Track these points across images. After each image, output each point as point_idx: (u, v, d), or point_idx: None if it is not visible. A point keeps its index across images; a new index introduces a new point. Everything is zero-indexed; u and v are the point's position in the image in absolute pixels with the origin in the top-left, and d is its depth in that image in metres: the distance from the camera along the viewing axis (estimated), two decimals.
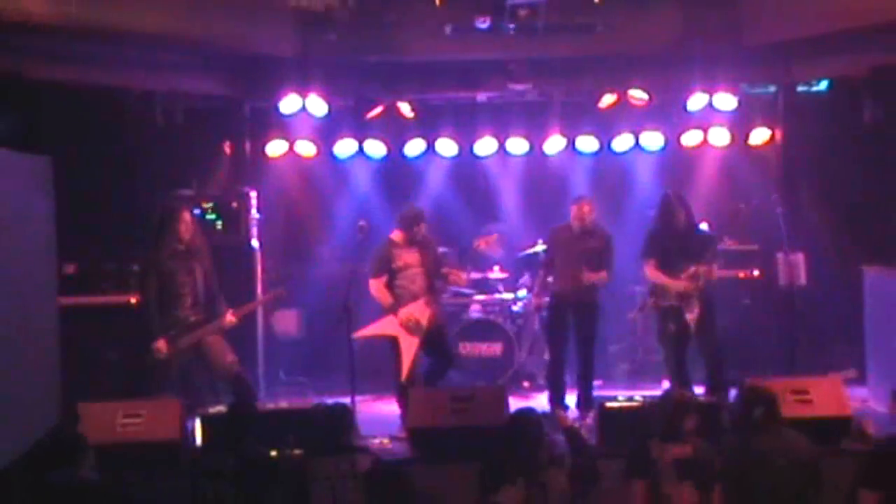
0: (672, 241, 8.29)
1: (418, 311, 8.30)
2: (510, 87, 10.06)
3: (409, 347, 8.22)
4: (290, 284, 9.45)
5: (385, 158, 10.40)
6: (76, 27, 8.29)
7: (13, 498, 5.49)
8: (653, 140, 10.20)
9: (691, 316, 8.15)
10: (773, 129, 10.17)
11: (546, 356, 10.06)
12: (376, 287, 8.37)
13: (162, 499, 5.99)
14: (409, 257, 8.44)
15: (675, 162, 10.46)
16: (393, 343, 8.30)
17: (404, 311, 8.28)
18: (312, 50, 9.55)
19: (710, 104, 9.80)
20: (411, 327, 8.26)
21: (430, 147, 10.35)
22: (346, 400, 7.79)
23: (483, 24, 9.25)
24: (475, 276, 10.35)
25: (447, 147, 10.37)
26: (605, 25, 9.38)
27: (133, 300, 8.78)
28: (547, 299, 8.99)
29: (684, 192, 8.75)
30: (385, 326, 8.33)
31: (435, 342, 8.41)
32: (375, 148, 10.27)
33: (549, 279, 8.88)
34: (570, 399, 8.85)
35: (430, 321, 8.32)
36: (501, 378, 9.60)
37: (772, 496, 5.62)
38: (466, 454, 6.93)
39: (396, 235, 8.50)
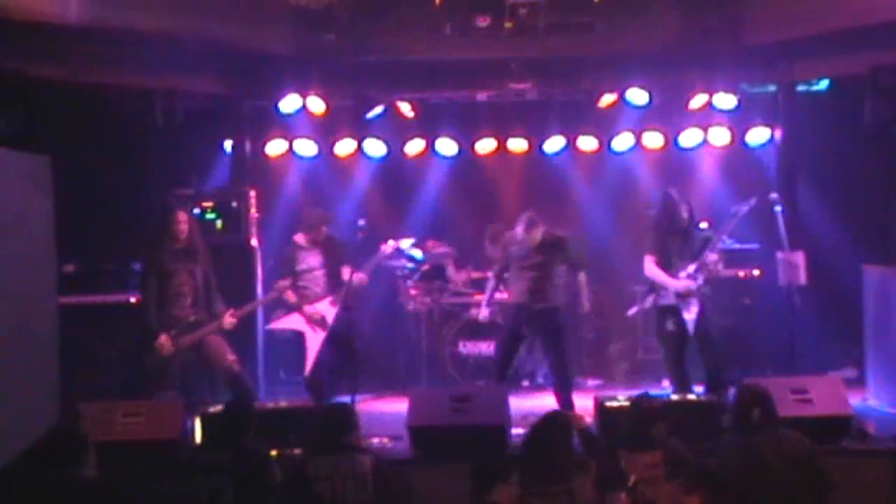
0: (673, 239, 8.28)
1: (324, 308, 8.49)
2: (510, 87, 10.06)
3: (314, 342, 8.43)
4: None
5: (385, 158, 10.41)
6: (76, 27, 8.29)
7: (13, 497, 5.47)
8: (653, 139, 10.21)
9: (689, 316, 8.14)
10: (772, 129, 10.17)
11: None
12: (280, 288, 8.52)
13: (162, 498, 5.97)
14: (311, 260, 8.59)
15: (675, 161, 10.47)
16: (300, 338, 8.53)
17: (310, 308, 8.49)
18: (312, 49, 9.56)
19: (709, 103, 9.82)
20: (316, 322, 8.46)
21: (430, 147, 10.36)
22: (346, 400, 7.78)
23: (483, 23, 9.25)
24: (475, 275, 10.36)
25: (447, 146, 10.37)
26: (605, 25, 9.39)
27: (133, 300, 8.78)
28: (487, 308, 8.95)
29: (685, 192, 8.74)
30: (292, 322, 8.60)
31: (341, 339, 8.51)
32: (375, 147, 10.28)
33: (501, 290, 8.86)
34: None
35: (335, 318, 8.47)
36: None
37: (770, 496, 5.61)
38: (466, 453, 6.95)
39: (299, 238, 8.66)
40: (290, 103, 9.72)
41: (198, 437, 7.20)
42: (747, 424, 5.84)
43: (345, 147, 10.22)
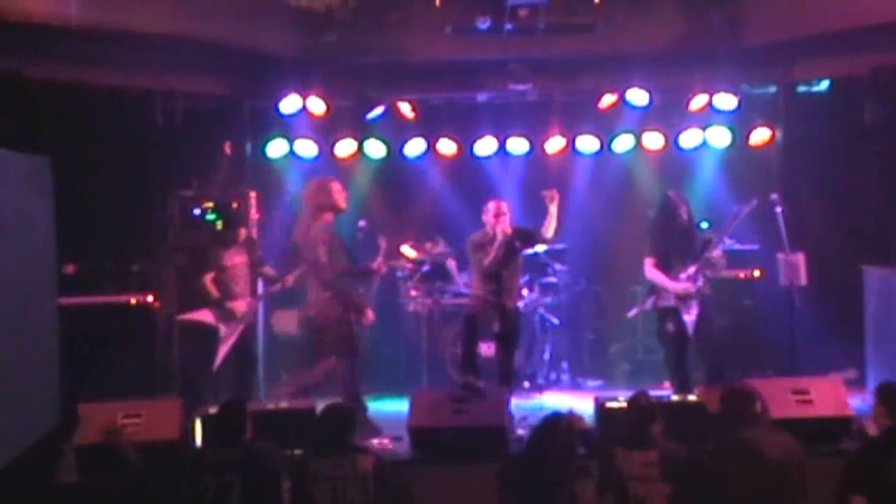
0: (673, 241, 8.28)
1: (240, 308, 8.55)
2: (510, 87, 10.05)
3: (225, 338, 8.48)
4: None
5: (385, 158, 10.41)
6: (76, 27, 8.29)
7: (11, 499, 5.47)
8: (653, 140, 10.21)
9: (689, 317, 8.14)
10: (773, 130, 10.17)
11: (546, 356, 10.09)
12: (206, 281, 8.59)
13: (162, 498, 5.97)
14: (236, 258, 8.65)
15: (676, 162, 10.47)
16: (208, 332, 8.52)
17: (229, 305, 8.51)
18: (313, 50, 9.57)
19: (710, 104, 9.82)
20: (230, 319, 8.51)
21: (431, 147, 10.35)
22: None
23: (483, 24, 9.25)
24: None
25: (447, 147, 10.37)
26: (606, 25, 9.39)
27: (133, 300, 8.82)
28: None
29: (683, 193, 8.73)
30: (206, 315, 8.58)
31: (241, 343, 8.58)
32: (376, 148, 10.28)
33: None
34: (573, 402, 8.84)
35: (248, 320, 8.62)
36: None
37: (762, 489, 5.60)
38: (467, 454, 6.95)
39: None
40: (290, 104, 9.73)
41: (198, 438, 7.21)
42: (742, 418, 5.83)
43: (345, 148, 10.22)
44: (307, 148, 10.17)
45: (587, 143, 10.26)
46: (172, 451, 6.90)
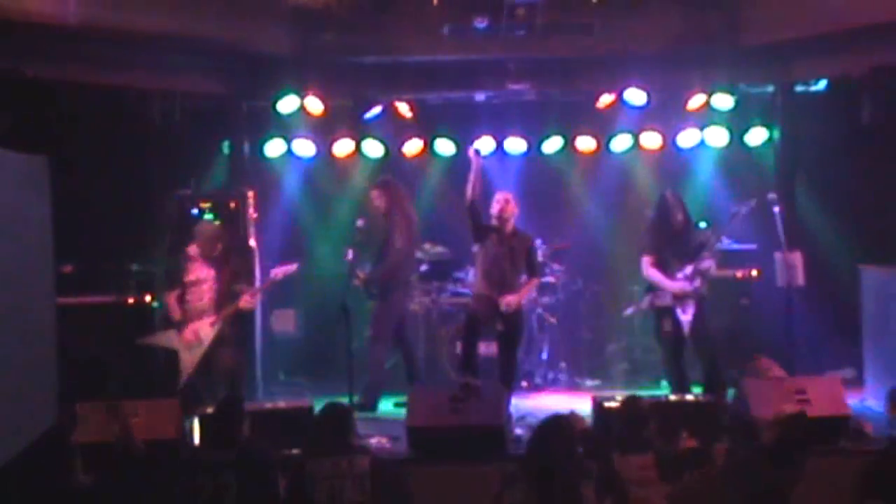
0: (669, 241, 8.29)
1: (202, 330, 8.21)
2: (508, 87, 10.06)
3: (187, 364, 8.19)
4: (288, 284, 9.41)
5: (383, 158, 10.41)
6: (74, 26, 8.29)
7: (11, 500, 5.46)
8: (651, 140, 10.22)
9: (686, 317, 8.15)
10: (770, 129, 10.18)
11: (544, 355, 10.09)
12: (170, 300, 8.29)
13: (166, 495, 5.96)
14: (202, 272, 8.31)
15: (673, 162, 10.48)
16: (172, 355, 8.24)
17: (188, 330, 8.18)
18: (310, 49, 9.58)
19: (708, 104, 9.83)
20: (192, 345, 8.19)
21: (429, 147, 10.36)
22: (345, 400, 7.78)
23: (481, 23, 9.25)
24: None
25: (445, 147, 10.37)
26: (604, 25, 9.39)
27: (132, 300, 8.82)
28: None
29: (681, 193, 8.73)
30: (167, 338, 8.29)
31: (214, 360, 8.27)
32: (373, 148, 10.28)
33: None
34: (571, 401, 8.84)
35: (212, 341, 8.21)
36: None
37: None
38: (465, 454, 6.95)
39: (192, 250, 8.34)
40: (288, 103, 9.73)
41: (196, 437, 7.20)
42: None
43: (343, 147, 10.23)
44: (305, 147, 10.18)
45: (585, 143, 10.27)
46: (170, 451, 6.90)
